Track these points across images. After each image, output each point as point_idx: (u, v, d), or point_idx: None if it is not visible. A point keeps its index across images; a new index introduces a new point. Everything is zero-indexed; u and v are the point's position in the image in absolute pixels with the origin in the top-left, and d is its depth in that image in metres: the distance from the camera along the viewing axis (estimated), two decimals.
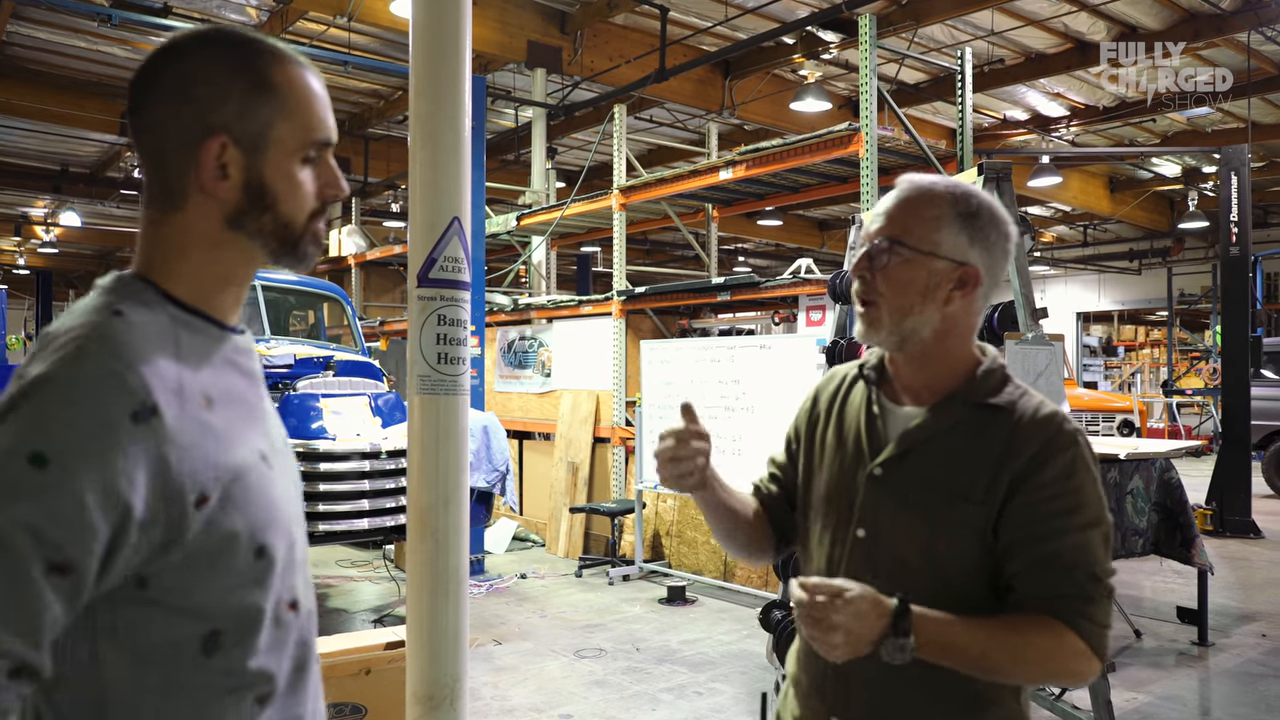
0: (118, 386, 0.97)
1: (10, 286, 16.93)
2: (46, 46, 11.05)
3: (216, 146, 1.09)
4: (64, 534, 0.93)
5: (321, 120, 1.16)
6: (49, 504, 0.93)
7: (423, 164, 2.62)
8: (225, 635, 1.07)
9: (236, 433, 1.09)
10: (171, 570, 1.02)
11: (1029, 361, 3.91)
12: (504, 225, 10.28)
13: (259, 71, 1.11)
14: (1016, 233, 1.49)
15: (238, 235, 1.13)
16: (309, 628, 1.21)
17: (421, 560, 2.61)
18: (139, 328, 1.03)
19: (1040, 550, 1.34)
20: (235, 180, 1.10)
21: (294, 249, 1.16)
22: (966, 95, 6.65)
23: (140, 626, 1.02)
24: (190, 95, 1.09)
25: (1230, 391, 9.83)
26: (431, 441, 2.62)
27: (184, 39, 1.13)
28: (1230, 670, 5.38)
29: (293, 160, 1.13)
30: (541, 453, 9.49)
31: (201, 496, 1.02)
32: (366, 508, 5.69)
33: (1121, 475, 5.45)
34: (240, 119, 1.10)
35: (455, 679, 2.62)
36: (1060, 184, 14.82)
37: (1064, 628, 1.32)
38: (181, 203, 1.11)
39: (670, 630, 6.14)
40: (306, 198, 1.15)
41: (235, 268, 1.16)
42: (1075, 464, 1.36)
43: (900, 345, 1.44)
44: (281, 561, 1.13)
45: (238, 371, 1.15)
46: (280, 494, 1.15)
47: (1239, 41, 10.27)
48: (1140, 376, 23.72)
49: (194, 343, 1.09)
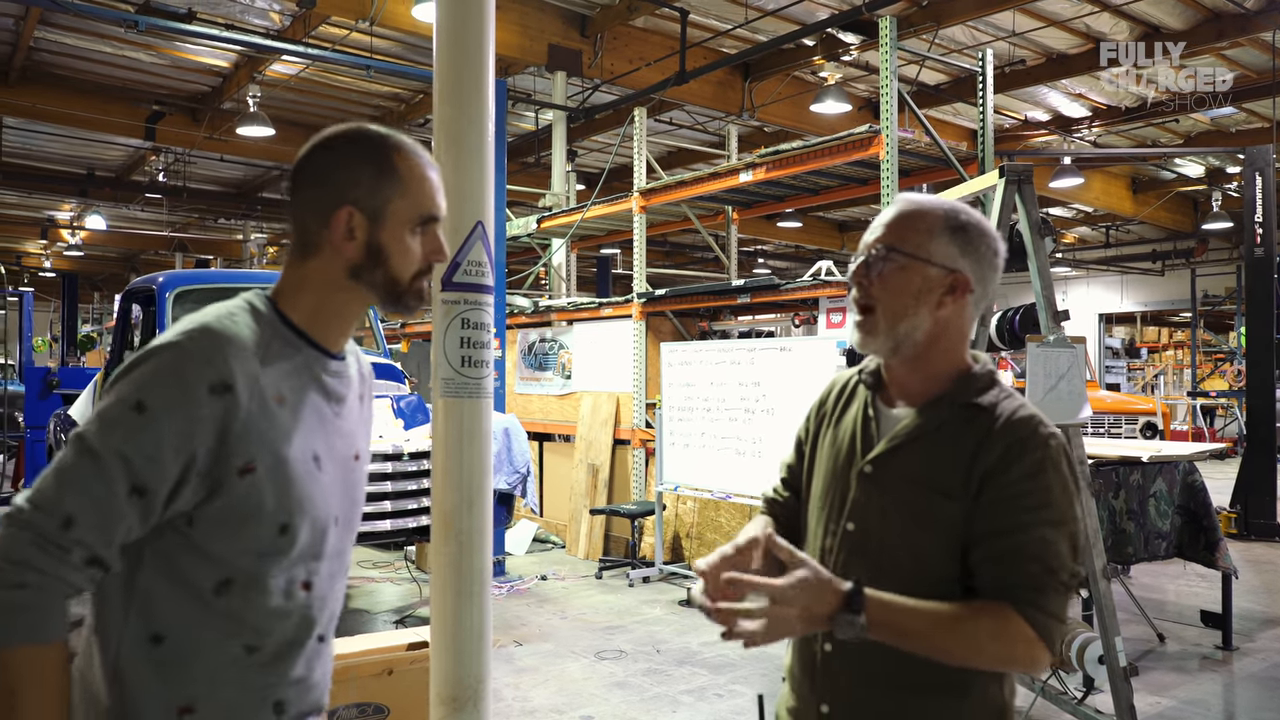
0: (206, 364, 1.29)
1: (36, 289, 17.14)
2: (73, 52, 11.19)
3: (346, 214, 1.41)
4: (146, 465, 1.25)
5: (431, 200, 1.46)
6: (141, 440, 1.25)
7: (446, 168, 2.64)
8: (235, 585, 1.34)
9: (296, 431, 1.37)
10: (210, 519, 1.31)
11: (1051, 364, 3.90)
12: (524, 228, 10.32)
13: (386, 160, 1.43)
14: (1005, 248, 1.58)
15: (355, 284, 1.44)
16: (318, 611, 1.45)
17: (446, 561, 2.63)
18: (241, 329, 1.35)
19: (1001, 543, 1.40)
20: (359, 241, 1.42)
21: (399, 299, 1.46)
22: (988, 97, 6.64)
23: (178, 556, 1.32)
24: (332, 177, 1.42)
25: (1255, 394, 9.74)
26: (455, 444, 2.63)
27: (335, 135, 1.46)
28: (1255, 675, 5.34)
29: (405, 229, 1.43)
30: (561, 454, 9.52)
31: (246, 465, 1.31)
32: (389, 509, 5.72)
33: (1145, 478, 5.42)
34: (368, 195, 1.41)
35: (479, 679, 2.64)
36: (1082, 185, 14.73)
37: (1012, 613, 1.36)
38: (315, 253, 1.44)
39: (690, 632, 6.15)
40: (414, 260, 1.45)
41: (347, 307, 1.47)
42: (1044, 464, 1.42)
43: (895, 350, 1.53)
44: (305, 545, 1.38)
45: (320, 388, 1.45)
46: (322, 491, 1.41)
47: (1264, 41, 10.19)
48: (1163, 378, 23.52)
49: (284, 353, 1.40)
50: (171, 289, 6.43)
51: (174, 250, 21.98)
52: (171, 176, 15.60)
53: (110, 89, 12.35)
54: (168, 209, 17.47)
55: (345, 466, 1.49)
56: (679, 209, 9.85)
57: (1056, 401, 3.88)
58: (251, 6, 9.68)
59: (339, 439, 1.47)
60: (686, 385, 7.52)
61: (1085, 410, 3.85)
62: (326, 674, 1.51)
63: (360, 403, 1.57)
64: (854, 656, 1.46)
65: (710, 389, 7.27)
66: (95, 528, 1.23)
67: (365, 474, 1.58)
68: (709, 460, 7.28)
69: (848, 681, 1.51)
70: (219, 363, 1.29)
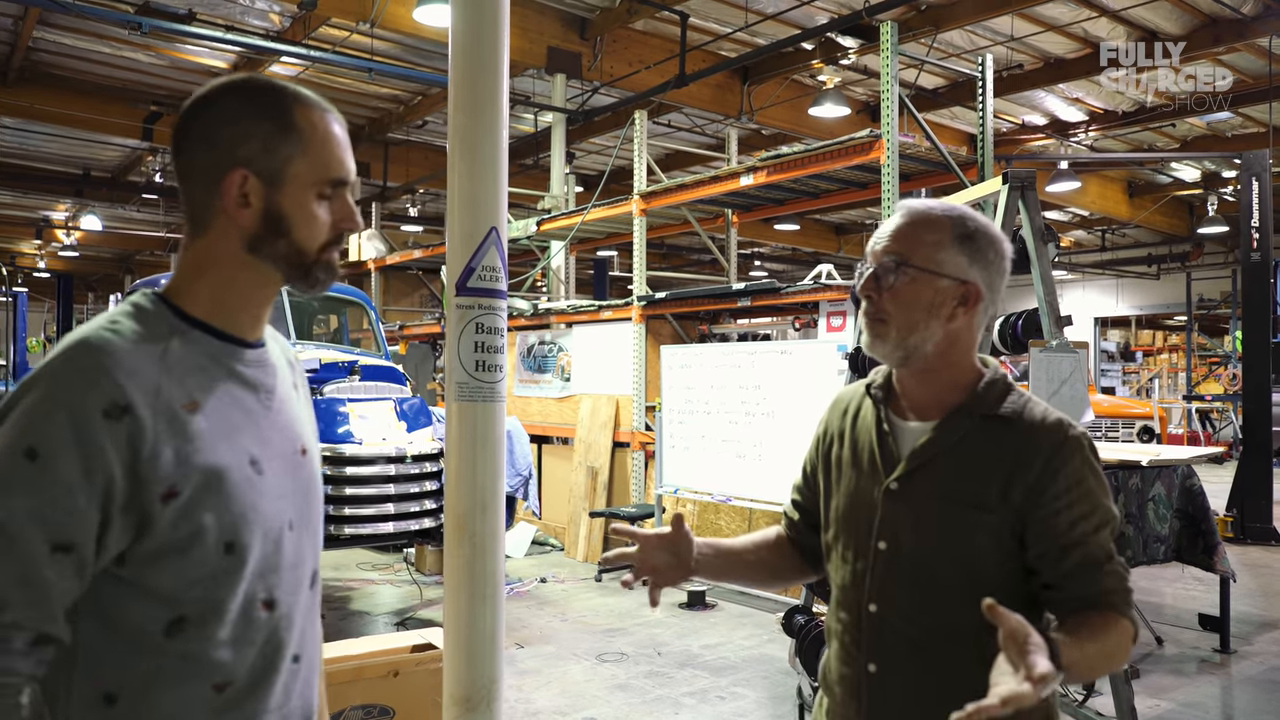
0: (92, 386, 1.11)
1: (31, 289, 17.09)
2: (71, 52, 11.18)
3: (238, 178, 1.23)
4: (60, 518, 1.08)
5: (339, 160, 1.29)
6: (44, 492, 1.08)
7: (461, 175, 2.66)
8: (188, 622, 1.18)
9: (221, 436, 1.20)
10: (145, 556, 1.15)
11: (1053, 369, 3.93)
12: (524, 230, 10.33)
13: (283, 115, 1.25)
14: (1011, 250, 1.57)
15: (255, 258, 1.26)
16: (285, 631, 1.29)
17: (459, 564, 2.64)
18: (127, 338, 1.17)
19: (1076, 556, 1.43)
20: (255, 208, 1.24)
21: (305, 274, 1.29)
22: (987, 102, 6.66)
23: (114, 602, 1.16)
24: (220, 135, 1.24)
25: (1251, 398, 9.79)
26: (470, 448, 2.64)
27: (216, 87, 1.28)
28: (1253, 677, 5.38)
29: (309, 194, 1.26)
30: (560, 457, 9.54)
31: (170, 490, 1.14)
32: (392, 511, 5.73)
33: (1143, 482, 5.45)
34: (263, 155, 1.24)
35: (492, 680, 2.66)
36: (1079, 189, 14.78)
37: (1120, 617, 1.42)
38: (207, 228, 1.26)
39: (691, 635, 6.17)
40: (320, 228, 1.28)
41: (253, 289, 1.29)
42: (1083, 469, 1.45)
43: (906, 360, 1.52)
44: (256, 560, 1.23)
45: (240, 382, 1.27)
46: (267, 497, 1.25)
47: (1260, 47, 10.24)
48: (1159, 382, 23.60)
49: (187, 353, 1.22)
50: None
51: (169, 251, 21.91)
52: (168, 177, 15.57)
53: (108, 89, 12.33)
54: (164, 209, 17.44)
55: (290, 463, 1.32)
56: (678, 212, 9.87)
57: (1059, 406, 3.90)
58: (251, 8, 9.68)
59: (276, 434, 1.31)
60: (686, 388, 7.54)
61: (1088, 414, 3.87)
62: (309, 697, 1.36)
63: (295, 392, 1.41)
64: (901, 675, 1.49)
65: (710, 392, 7.29)
66: (30, 604, 1.07)
67: (317, 469, 1.40)
68: (709, 463, 7.30)
69: (897, 700, 1.51)
70: (106, 383, 1.12)
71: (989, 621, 1.38)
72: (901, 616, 1.50)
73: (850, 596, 1.57)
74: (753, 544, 1.78)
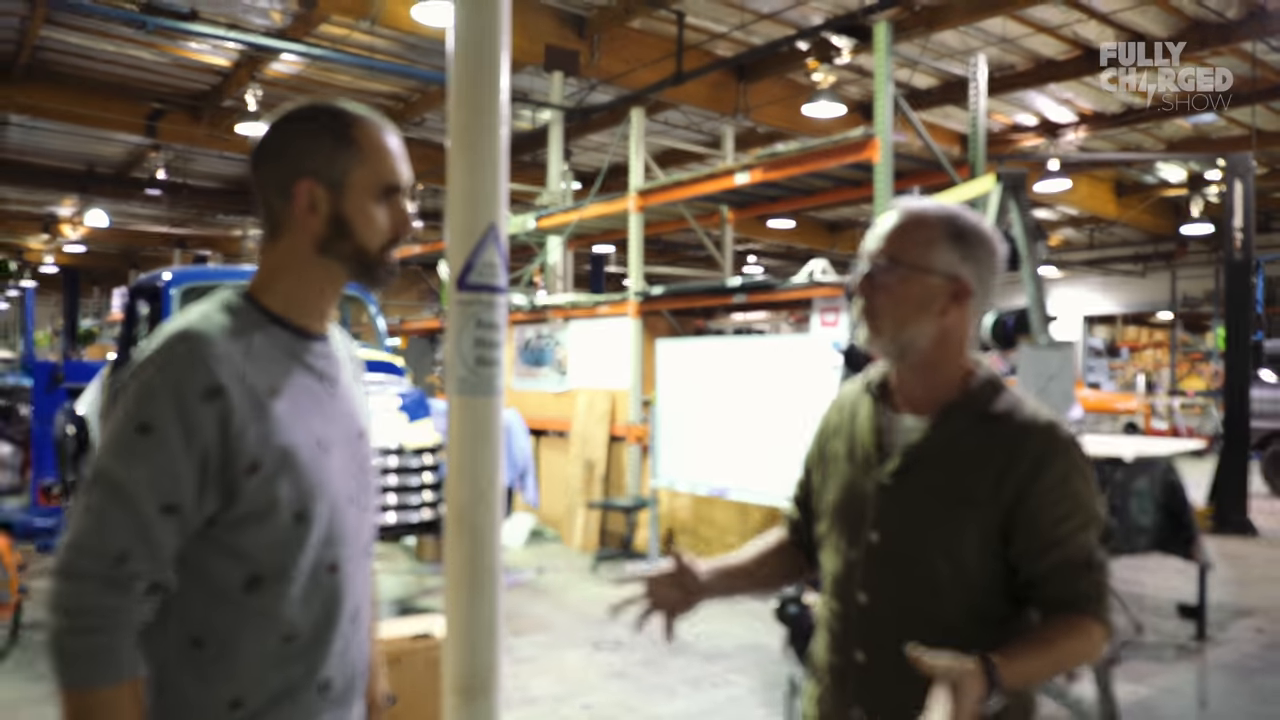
0: (192, 371, 1.29)
1: (38, 284, 17.08)
2: (77, 50, 11.23)
3: (306, 187, 1.40)
4: (169, 482, 1.27)
5: (392, 169, 1.45)
6: (156, 460, 1.27)
7: (460, 171, 2.76)
8: (264, 580, 1.36)
9: (295, 419, 1.38)
10: (230, 521, 1.33)
11: (1042, 365, 4.06)
12: (522, 226, 10.43)
13: (342, 130, 1.42)
14: (1004, 249, 1.64)
15: (325, 258, 1.44)
16: (346, 593, 1.46)
17: (459, 556, 2.75)
18: (219, 329, 1.35)
19: (1055, 556, 1.48)
20: (322, 214, 1.41)
21: (370, 271, 1.46)
22: (980, 103, 6.80)
23: (203, 560, 1.34)
24: (289, 150, 1.42)
25: (1231, 394, 9.93)
26: (470, 441, 2.76)
27: (291, 111, 1.46)
28: (1228, 664, 5.54)
29: (368, 199, 1.43)
30: (557, 450, 9.65)
31: (253, 464, 1.32)
32: (393, 503, 5.82)
33: (1127, 476, 5.59)
34: (326, 166, 1.41)
35: (491, 669, 2.78)
36: (1068, 188, 14.94)
37: (1092, 621, 1.47)
38: (283, 232, 1.44)
39: (685, 623, 6.27)
40: (380, 230, 1.44)
41: (323, 285, 1.47)
42: (1071, 469, 1.50)
43: (901, 355, 1.58)
44: (324, 529, 1.40)
45: (310, 371, 1.45)
46: (332, 474, 1.42)
47: (1244, 51, 10.40)
48: (1142, 378, 23.82)
49: (268, 345, 1.40)
50: (178, 285, 6.50)
51: (173, 246, 21.95)
52: (172, 173, 15.63)
53: (112, 87, 12.39)
54: (168, 205, 17.48)
55: (351, 446, 1.49)
56: (675, 209, 9.98)
57: (1047, 401, 4.04)
58: (253, 6, 9.76)
59: (340, 419, 1.47)
60: (681, 383, 7.64)
61: (1076, 409, 4.01)
62: (364, 652, 1.53)
63: (355, 383, 1.57)
64: (888, 665, 1.49)
65: (705, 386, 7.39)
66: (148, 556, 1.26)
67: (371, 451, 1.57)
68: (703, 457, 7.39)
69: (883, 688, 1.55)
70: (204, 368, 1.29)
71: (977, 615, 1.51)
72: (890, 608, 1.54)
73: (841, 587, 1.61)
74: (756, 556, 1.85)
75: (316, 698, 1.42)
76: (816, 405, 1.88)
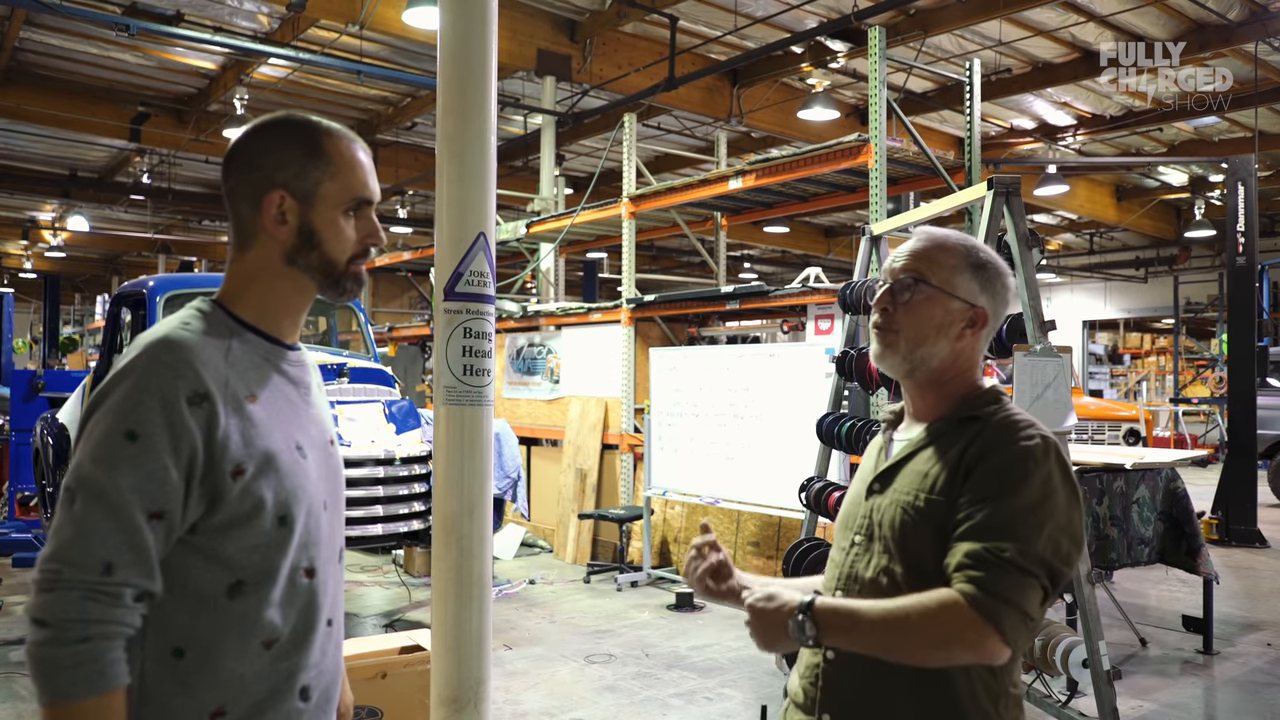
0: (178, 377, 1.30)
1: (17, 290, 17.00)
2: (58, 53, 11.16)
3: (277, 198, 1.43)
4: (156, 489, 1.27)
5: (363, 183, 1.48)
6: (144, 467, 1.26)
7: (449, 181, 2.67)
8: (246, 585, 1.35)
9: (274, 425, 1.39)
10: (214, 526, 1.33)
11: (1037, 372, 3.95)
12: (513, 232, 10.34)
13: (314, 143, 1.45)
14: (1014, 283, 1.70)
15: (293, 269, 1.46)
16: (322, 596, 1.47)
17: (447, 566, 2.66)
18: (198, 336, 1.36)
19: (960, 529, 1.43)
20: (291, 225, 1.44)
21: (336, 283, 1.48)
22: (975, 107, 6.70)
23: (185, 566, 1.33)
24: (262, 161, 1.44)
25: (1236, 400, 9.83)
26: (457, 451, 2.67)
27: (264, 122, 1.48)
28: (1235, 679, 5.42)
29: (336, 212, 1.45)
30: (549, 459, 9.54)
31: (237, 468, 1.32)
32: (381, 514, 5.73)
33: (1128, 485, 5.49)
34: (297, 178, 1.43)
35: (479, 681, 2.68)
36: (1067, 192, 14.87)
37: (969, 609, 1.35)
38: (252, 242, 1.46)
39: (679, 636, 6.18)
40: (348, 243, 1.47)
41: (291, 296, 1.49)
42: (1022, 457, 1.44)
43: (911, 372, 1.61)
44: (301, 533, 1.41)
45: (286, 379, 1.47)
46: (309, 478, 1.43)
47: (1246, 52, 10.33)
48: (1146, 385, 23.72)
49: (245, 351, 1.41)
50: (162, 293, 6.42)
51: (157, 252, 21.88)
52: (156, 178, 15.54)
53: (95, 90, 12.31)
54: (152, 210, 17.39)
55: (324, 451, 1.51)
56: (668, 214, 9.89)
57: (1043, 409, 3.94)
58: (239, 9, 9.67)
59: (312, 425, 1.50)
60: (675, 390, 7.55)
61: (1071, 418, 3.90)
62: (339, 659, 1.54)
63: (319, 391, 1.60)
64: (852, 660, 1.50)
65: (699, 394, 7.31)
66: (134, 564, 1.25)
67: (341, 458, 1.59)
68: (697, 465, 7.31)
69: (848, 697, 1.55)
70: (190, 373, 1.31)
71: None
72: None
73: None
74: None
75: (298, 704, 1.43)
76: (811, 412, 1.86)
